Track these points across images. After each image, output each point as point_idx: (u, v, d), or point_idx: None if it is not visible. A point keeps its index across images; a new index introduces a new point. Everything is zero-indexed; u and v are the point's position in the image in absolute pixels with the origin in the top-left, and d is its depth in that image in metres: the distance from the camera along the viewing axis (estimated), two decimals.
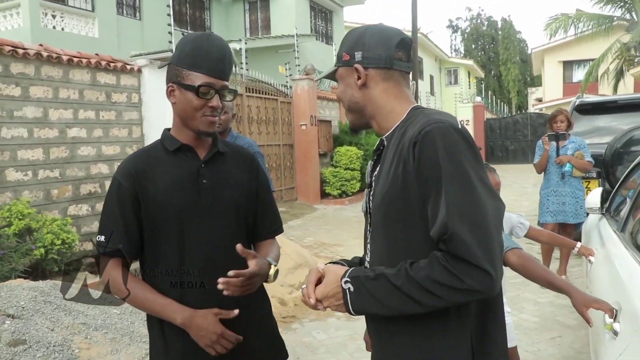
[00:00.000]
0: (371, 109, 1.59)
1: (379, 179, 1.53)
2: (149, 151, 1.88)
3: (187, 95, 1.77)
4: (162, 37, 16.07)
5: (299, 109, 13.51)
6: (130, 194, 1.78)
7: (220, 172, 1.88)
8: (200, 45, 1.77)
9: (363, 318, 1.60)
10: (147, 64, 7.90)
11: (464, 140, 1.38)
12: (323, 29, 22.02)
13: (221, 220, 1.84)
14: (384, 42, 1.58)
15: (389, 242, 1.48)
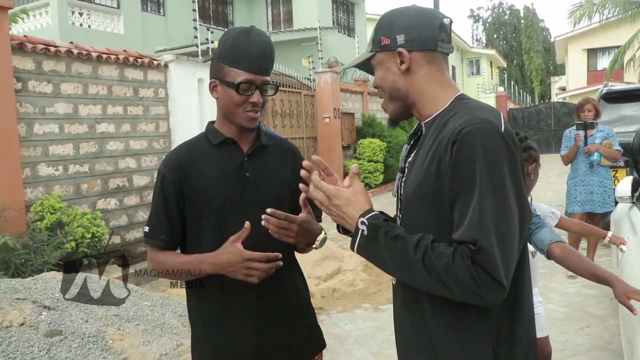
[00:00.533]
0: (414, 95, 1.52)
1: (412, 167, 1.50)
2: (194, 144, 1.90)
3: (229, 92, 1.79)
4: (186, 32, 16.25)
5: (322, 102, 13.52)
6: (174, 186, 1.81)
7: (263, 165, 1.90)
8: (241, 41, 1.78)
9: (390, 309, 1.57)
10: (173, 59, 7.98)
11: (504, 145, 1.33)
12: (345, 21, 21.97)
13: (264, 211, 1.79)
14: (426, 23, 1.50)
15: (418, 230, 1.41)
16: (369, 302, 5.58)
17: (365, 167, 14.05)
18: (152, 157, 7.71)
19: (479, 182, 1.29)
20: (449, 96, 1.51)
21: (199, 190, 1.82)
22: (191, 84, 8.22)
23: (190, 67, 8.26)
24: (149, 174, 7.64)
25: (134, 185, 7.42)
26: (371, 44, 1.57)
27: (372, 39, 1.57)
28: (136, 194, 7.45)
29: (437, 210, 1.38)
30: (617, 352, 4.06)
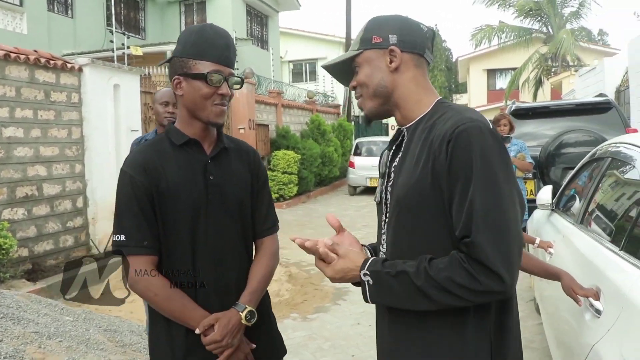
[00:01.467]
0: (398, 95, 1.56)
1: (400, 171, 1.53)
2: (156, 145, 1.83)
3: (196, 85, 1.74)
4: (95, 36, 15.63)
5: (237, 113, 13.39)
6: (145, 188, 1.73)
7: (226, 168, 1.86)
8: (205, 34, 1.76)
9: (320, 318, 1.60)
10: (88, 62, 7.62)
11: (496, 143, 1.39)
12: (259, 33, 21.94)
13: (227, 217, 1.83)
14: (416, 29, 1.58)
15: (411, 234, 1.47)
16: (296, 312, 5.53)
17: (280, 178, 14.04)
18: (63, 165, 7.29)
19: (474, 179, 1.35)
20: (431, 100, 1.57)
21: (167, 193, 1.75)
22: (107, 89, 7.88)
23: (106, 72, 7.91)
24: (60, 182, 7.23)
25: (44, 194, 6.98)
26: (359, 43, 1.60)
27: (360, 39, 1.60)
28: (46, 203, 7.01)
29: (434, 210, 1.42)
30: (539, 350, 4.26)
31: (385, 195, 1.59)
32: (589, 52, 27.96)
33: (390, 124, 28.51)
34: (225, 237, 1.81)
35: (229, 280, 1.83)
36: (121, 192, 1.76)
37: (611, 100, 7.10)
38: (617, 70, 14.05)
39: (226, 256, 1.82)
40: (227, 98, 1.79)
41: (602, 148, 3.15)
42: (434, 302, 1.37)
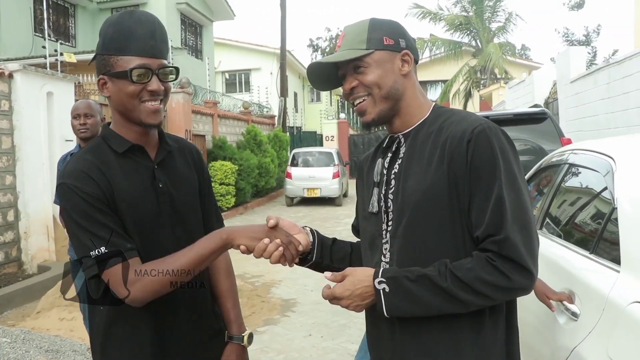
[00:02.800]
0: (405, 99, 1.56)
1: (405, 176, 1.51)
2: (95, 152, 1.61)
3: (120, 84, 1.55)
4: (22, 42, 15.01)
5: (174, 123, 13.12)
6: (98, 196, 1.50)
7: (173, 173, 1.71)
8: (124, 24, 1.55)
9: (270, 331, 1.55)
10: (19, 69, 7.27)
11: (509, 142, 1.44)
12: (193, 43, 21.67)
13: (180, 225, 1.68)
14: (412, 38, 1.60)
15: (424, 238, 1.46)
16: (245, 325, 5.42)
17: (217, 190, 13.82)
18: None
19: (498, 176, 1.38)
20: (429, 105, 1.59)
21: (116, 205, 1.55)
22: (39, 97, 7.55)
23: (38, 79, 7.59)
24: None
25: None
26: (365, 42, 1.53)
27: (366, 39, 1.53)
28: None
29: (449, 211, 1.43)
30: None
31: (386, 204, 1.55)
32: (515, 65, 29.19)
33: (324, 135, 28.70)
34: (180, 246, 1.60)
35: (187, 290, 1.67)
36: (73, 207, 1.51)
37: (546, 111, 7.37)
38: (545, 83, 14.69)
39: None
40: (161, 93, 1.58)
41: (554, 156, 3.25)
42: (462, 304, 1.36)
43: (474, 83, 27.78)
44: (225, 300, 1.83)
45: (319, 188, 16.18)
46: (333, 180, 16.23)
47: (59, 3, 17.40)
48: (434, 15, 28.04)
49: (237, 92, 28.96)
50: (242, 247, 1.52)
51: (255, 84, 27.86)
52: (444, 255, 1.42)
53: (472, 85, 27.82)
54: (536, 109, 7.58)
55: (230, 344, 1.80)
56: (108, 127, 1.67)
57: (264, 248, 1.50)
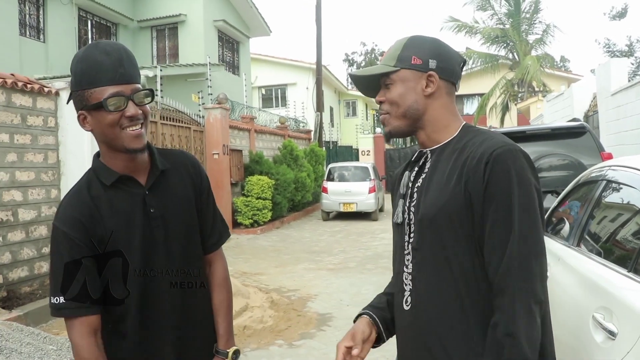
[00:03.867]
0: (427, 118, 1.60)
1: (427, 190, 1.56)
2: (87, 189, 1.67)
3: (99, 116, 1.57)
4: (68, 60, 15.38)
5: (211, 138, 13.36)
6: (83, 244, 1.60)
7: (166, 195, 1.74)
8: (91, 58, 1.57)
9: (306, 345, 1.58)
10: (65, 87, 7.54)
11: (530, 166, 1.47)
12: (230, 59, 22.00)
13: (176, 245, 1.73)
14: (454, 57, 1.61)
15: (439, 251, 1.50)
16: (281, 339, 5.48)
17: (254, 204, 13.98)
18: (39, 190, 7.17)
19: (514, 202, 1.41)
20: (458, 125, 1.62)
21: (107, 240, 1.63)
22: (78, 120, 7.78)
23: None
24: (36, 207, 7.09)
25: (20, 219, 6.83)
26: (395, 60, 1.60)
27: (397, 56, 1.60)
28: (21, 229, 6.86)
29: (462, 227, 1.47)
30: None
31: (409, 216, 1.60)
32: (554, 78, 28.73)
33: (360, 149, 28.72)
34: (176, 268, 1.72)
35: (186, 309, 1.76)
36: (56, 250, 1.62)
37: (585, 124, 7.25)
38: (585, 96, 14.44)
39: (177, 284, 1.73)
40: (140, 117, 1.61)
41: (593, 172, 3.23)
42: None
43: (511, 96, 27.47)
44: (216, 314, 1.86)
45: (355, 203, 16.20)
46: (369, 195, 16.23)
47: (101, 22, 17.91)
48: (469, 29, 27.86)
49: (273, 107, 29.24)
50: None
51: (292, 98, 28.06)
52: (460, 268, 1.47)
53: (510, 98, 27.51)
54: (575, 122, 7.48)
55: (215, 358, 1.83)
56: (97, 158, 1.71)
57: None
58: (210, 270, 1.89)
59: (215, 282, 1.88)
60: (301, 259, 10.28)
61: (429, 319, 1.53)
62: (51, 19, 15.30)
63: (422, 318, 1.54)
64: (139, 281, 1.66)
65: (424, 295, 1.54)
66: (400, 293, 1.62)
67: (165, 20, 19.15)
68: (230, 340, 1.85)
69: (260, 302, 6.51)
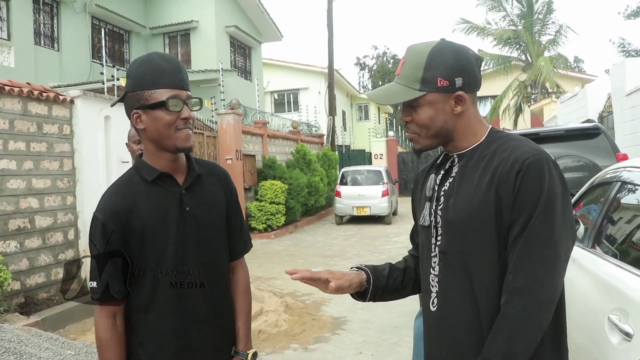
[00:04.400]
0: (457, 132, 1.60)
1: (454, 194, 1.57)
2: (128, 184, 1.80)
3: (156, 114, 1.71)
4: (81, 68, 15.66)
5: (224, 143, 13.42)
6: (117, 234, 1.71)
7: (201, 196, 1.85)
8: (154, 62, 1.74)
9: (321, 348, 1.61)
10: (79, 95, 7.63)
11: (559, 175, 1.47)
12: (242, 64, 22.10)
13: (207, 246, 1.84)
14: (474, 65, 1.58)
15: (465, 255, 1.52)
16: (296, 342, 5.49)
17: (267, 208, 14.02)
18: (55, 197, 7.24)
19: (538, 211, 1.42)
20: (485, 130, 1.62)
21: (144, 233, 1.74)
22: (98, 121, 7.87)
23: (97, 103, 7.92)
24: (52, 214, 7.17)
25: (36, 226, 6.91)
26: (419, 83, 1.55)
27: (420, 78, 1.55)
28: (38, 236, 6.94)
29: (495, 232, 1.48)
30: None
31: (435, 219, 1.61)
32: (567, 78, 28.52)
33: (373, 153, 28.70)
34: (205, 266, 1.82)
35: (209, 305, 1.85)
36: (93, 238, 1.74)
37: (600, 126, 7.18)
38: (599, 96, 14.31)
39: (205, 283, 1.83)
40: (191, 121, 1.76)
41: (607, 173, 3.21)
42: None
43: (524, 98, 27.30)
44: (237, 318, 1.95)
45: (368, 206, 16.19)
46: (382, 198, 16.22)
47: (114, 30, 18.09)
48: (481, 30, 27.76)
49: (285, 111, 29.31)
50: None
51: (304, 103, 28.14)
52: (487, 272, 1.49)
53: (523, 100, 27.35)
54: (589, 124, 7.41)
55: (235, 358, 1.91)
56: (141, 158, 1.84)
57: None
58: (233, 277, 1.98)
59: (238, 288, 1.98)
60: (315, 263, 10.28)
61: (454, 320, 1.55)
62: (65, 28, 15.51)
63: (448, 319, 1.57)
64: (171, 275, 1.76)
65: (449, 297, 1.57)
66: (427, 294, 1.64)
67: (178, 27, 19.31)
68: (249, 343, 1.94)
69: (274, 307, 6.53)
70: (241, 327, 1.94)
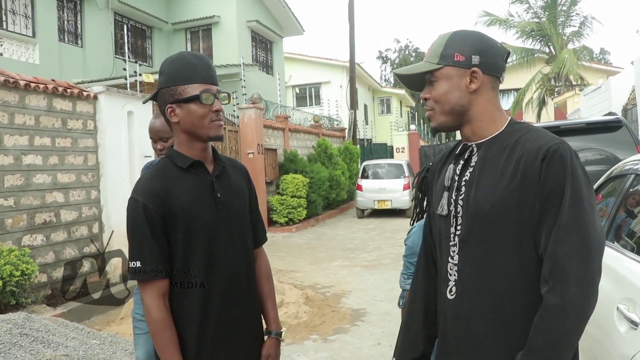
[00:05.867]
0: (473, 113, 1.62)
1: (476, 184, 1.59)
2: (162, 170, 1.89)
3: (190, 108, 1.82)
4: (104, 64, 15.87)
5: (246, 138, 13.52)
6: (157, 214, 1.79)
7: (228, 184, 1.96)
8: (186, 60, 1.86)
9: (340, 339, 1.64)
10: (103, 90, 7.76)
11: (579, 163, 1.50)
12: (264, 59, 22.19)
13: (237, 231, 1.94)
14: (498, 51, 1.62)
15: (491, 246, 1.54)
16: (316, 334, 5.56)
17: (289, 202, 14.10)
18: (80, 191, 7.40)
19: (566, 198, 1.44)
20: (504, 119, 1.64)
21: (180, 216, 1.81)
22: (121, 116, 8.00)
23: (120, 99, 8.05)
24: (77, 208, 7.32)
25: (62, 220, 7.07)
26: (438, 57, 1.62)
27: (440, 53, 1.62)
28: (63, 229, 7.09)
29: (520, 222, 1.50)
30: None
31: (456, 208, 1.63)
32: (592, 71, 28.11)
33: (395, 147, 28.65)
34: (237, 250, 1.93)
35: (242, 289, 1.94)
36: (134, 220, 1.80)
37: (621, 118, 7.10)
38: (624, 89, 14.09)
39: (238, 267, 1.92)
40: (221, 113, 1.88)
41: (623, 166, 3.21)
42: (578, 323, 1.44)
43: (547, 91, 26.98)
44: (266, 301, 2.09)
45: (389, 200, 16.21)
46: (404, 192, 16.22)
47: (137, 26, 18.28)
48: (503, 22, 27.46)
49: (307, 105, 29.35)
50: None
51: (325, 97, 28.16)
52: (510, 261, 1.51)
53: (546, 93, 27.03)
54: (610, 117, 7.34)
55: (270, 338, 2.05)
56: (172, 148, 1.94)
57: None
58: (256, 264, 2.09)
59: (262, 273, 2.11)
60: (336, 256, 10.34)
61: (472, 308, 1.57)
62: (88, 24, 15.73)
63: (466, 307, 1.59)
64: (205, 256, 1.84)
65: (468, 285, 1.58)
66: (445, 283, 1.65)
67: (199, 22, 19.45)
68: (279, 324, 2.10)
69: (295, 299, 6.61)
70: (270, 310, 2.08)
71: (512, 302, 1.51)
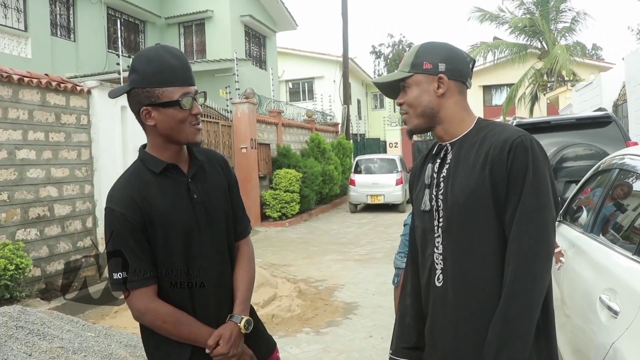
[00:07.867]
0: (443, 115, 1.79)
1: (454, 178, 1.73)
2: (137, 176, 1.84)
3: (169, 112, 1.76)
4: (97, 59, 15.84)
5: (239, 132, 13.54)
6: (138, 223, 1.76)
7: (205, 183, 1.92)
8: (164, 61, 1.75)
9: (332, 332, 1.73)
10: (96, 85, 7.78)
11: (541, 152, 1.66)
12: (257, 53, 22.18)
13: (216, 230, 1.90)
14: (462, 59, 1.80)
15: (468, 232, 1.69)
16: (309, 326, 5.62)
17: (282, 197, 14.14)
18: (73, 186, 7.42)
19: (528, 181, 1.60)
20: (472, 119, 1.81)
21: (158, 222, 1.79)
22: (114, 111, 8.02)
23: None
24: (71, 202, 7.35)
25: (55, 214, 7.10)
26: (409, 66, 1.80)
27: (411, 62, 1.80)
28: (57, 223, 7.12)
29: (492, 209, 1.65)
30: None
31: (437, 203, 1.78)
32: (584, 66, 28.20)
33: (388, 142, 28.71)
34: (217, 250, 1.90)
35: (225, 289, 1.92)
36: (114, 230, 1.76)
37: (611, 114, 7.20)
38: (614, 84, 14.18)
39: (222, 266, 1.91)
40: (199, 116, 1.83)
41: (608, 161, 3.28)
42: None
43: (540, 86, 27.06)
44: (239, 284, 1.95)
45: (382, 195, 16.29)
46: (396, 186, 16.31)
47: (130, 20, 18.25)
48: (495, 18, 27.52)
49: (300, 100, 29.37)
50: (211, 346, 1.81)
51: (319, 92, 28.17)
52: (488, 246, 1.66)
53: (539, 88, 27.11)
54: (599, 112, 7.43)
55: (228, 321, 1.88)
56: (144, 150, 1.89)
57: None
58: (238, 253, 2.03)
59: (240, 259, 2.01)
60: (329, 250, 10.41)
61: (459, 293, 1.71)
62: (81, 19, 15.70)
63: (453, 293, 1.73)
64: (185, 260, 1.82)
65: (454, 272, 1.72)
66: (432, 272, 1.79)
67: (192, 17, 19.42)
68: (245, 310, 1.92)
69: (288, 292, 6.67)
70: (239, 294, 1.94)
71: (494, 283, 1.65)
